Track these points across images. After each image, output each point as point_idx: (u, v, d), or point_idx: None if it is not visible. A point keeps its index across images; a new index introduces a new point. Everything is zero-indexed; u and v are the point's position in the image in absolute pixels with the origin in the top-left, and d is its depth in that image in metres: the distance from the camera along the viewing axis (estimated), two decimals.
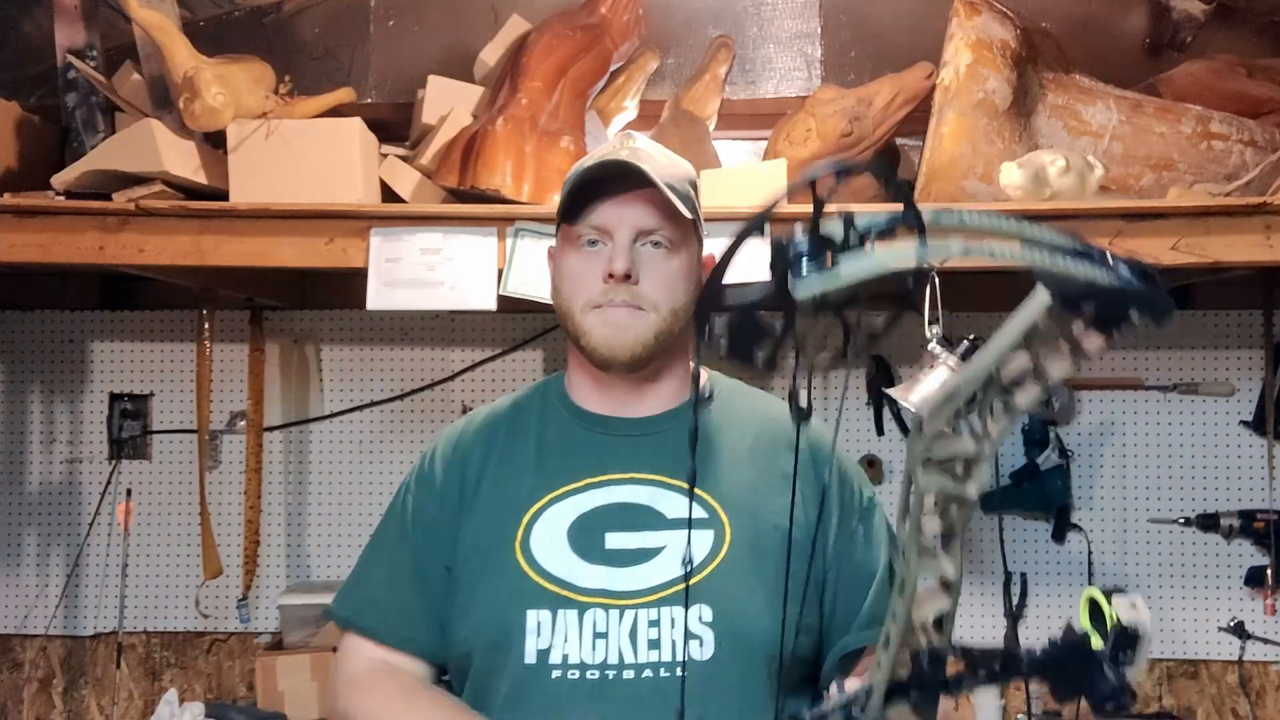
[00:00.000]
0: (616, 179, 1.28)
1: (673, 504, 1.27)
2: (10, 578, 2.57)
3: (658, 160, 1.30)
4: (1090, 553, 2.45)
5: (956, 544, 0.68)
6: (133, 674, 2.55)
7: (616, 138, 1.38)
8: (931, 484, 0.66)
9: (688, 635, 1.21)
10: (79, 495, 2.57)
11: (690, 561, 1.06)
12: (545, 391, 1.43)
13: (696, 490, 1.27)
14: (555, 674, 1.22)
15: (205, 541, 2.37)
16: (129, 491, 2.50)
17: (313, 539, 2.56)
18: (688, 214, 1.28)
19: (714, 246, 1.42)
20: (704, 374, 1.42)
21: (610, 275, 1.27)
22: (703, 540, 1.25)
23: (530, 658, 1.23)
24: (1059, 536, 2.46)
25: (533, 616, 1.24)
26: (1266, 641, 2.38)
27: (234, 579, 2.45)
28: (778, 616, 1.16)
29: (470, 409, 2.58)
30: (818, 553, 1.28)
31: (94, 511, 2.53)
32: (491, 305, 1.85)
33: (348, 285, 2.35)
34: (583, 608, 1.24)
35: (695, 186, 1.35)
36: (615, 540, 1.26)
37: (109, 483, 2.53)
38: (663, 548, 1.25)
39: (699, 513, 1.26)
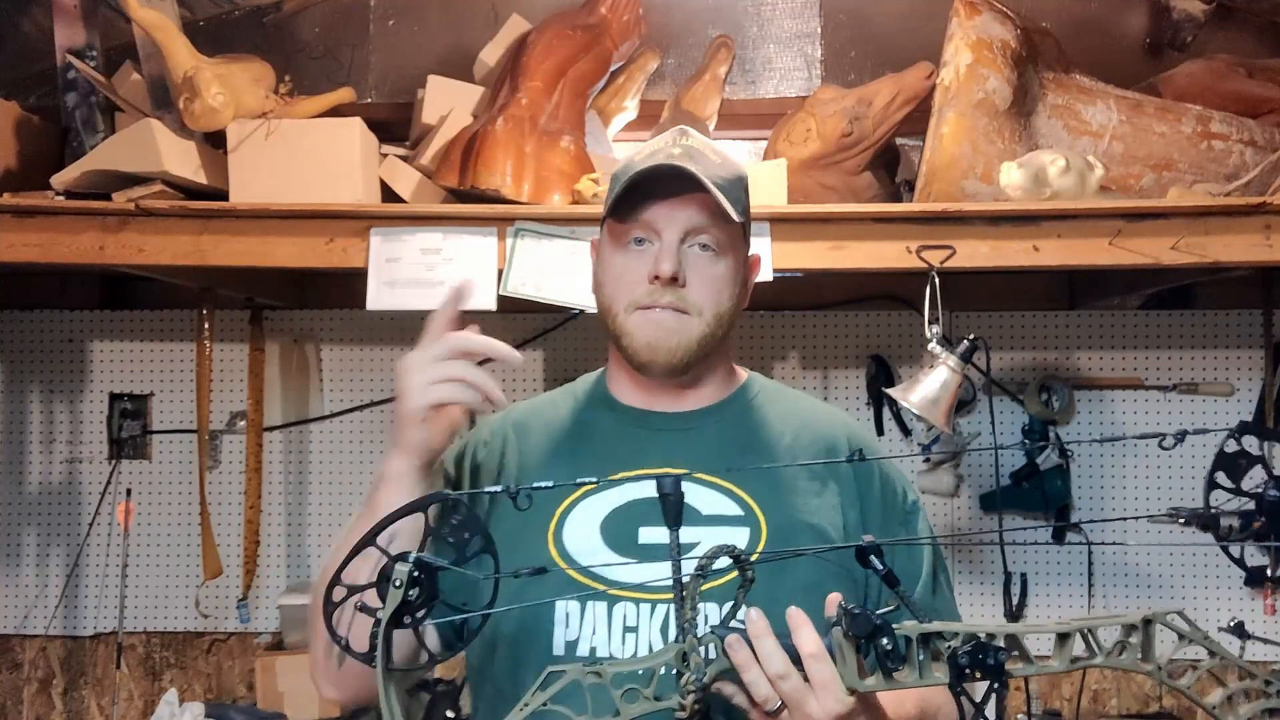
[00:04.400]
0: (669, 178, 1.26)
1: (708, 499, 1.26)
2: (10, 578, 2.57)
3: (710, 160, 1.28)
4: (1090, 553, 2.46)
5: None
6: (133, 674, 2.55)
7: (671, 133, 1.34)
8: None
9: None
10: (79, 495, 2.57)
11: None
12: (583, 387, 1.42)
13: (732, 487, 1.27)
14: None
15: (205, 541, 2.37)
16: (129, 491, 2.51)
17: (313, 539, 2.56)
18: (738, 218, 1.27)
19: None
20: (744, 372, 1.41)
21: (656, 277, 1.26)
22: (737, 538, 1.24)
23: (558, 649, 1.22)
24: (1059, 536, 2.46)
25: (561, 607, 1.23)
26: (1266, 641, 2.38)
27: (234, 579, 2.45)
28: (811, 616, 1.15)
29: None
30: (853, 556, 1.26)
31: (94, 511, 2.53)
32: (491, 305, 1.85)
33: (348, 285, 2.35)
34: (612, 600, 1.22)
35: (746, 186, 1.33)
36: (649, 534, 1.24)
37: (109, 483, 2.53)
38: (697, 543, 1.23)
39: (734, 510, 1.26)
